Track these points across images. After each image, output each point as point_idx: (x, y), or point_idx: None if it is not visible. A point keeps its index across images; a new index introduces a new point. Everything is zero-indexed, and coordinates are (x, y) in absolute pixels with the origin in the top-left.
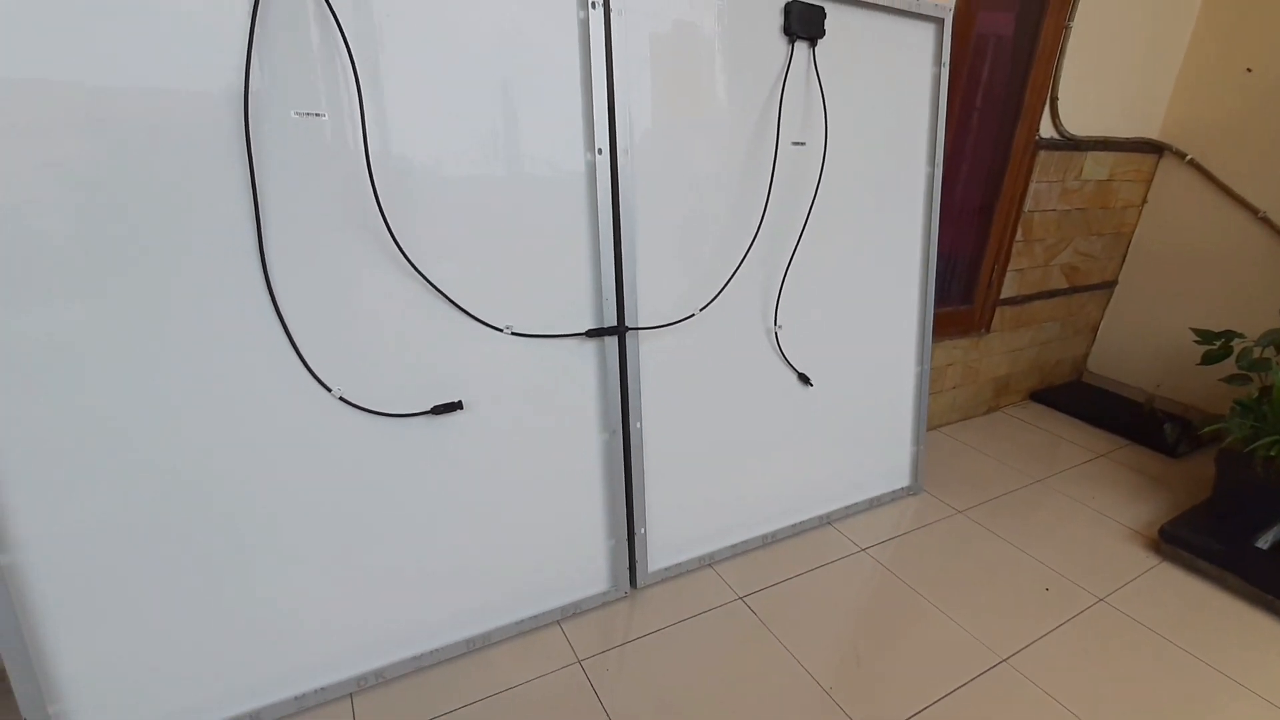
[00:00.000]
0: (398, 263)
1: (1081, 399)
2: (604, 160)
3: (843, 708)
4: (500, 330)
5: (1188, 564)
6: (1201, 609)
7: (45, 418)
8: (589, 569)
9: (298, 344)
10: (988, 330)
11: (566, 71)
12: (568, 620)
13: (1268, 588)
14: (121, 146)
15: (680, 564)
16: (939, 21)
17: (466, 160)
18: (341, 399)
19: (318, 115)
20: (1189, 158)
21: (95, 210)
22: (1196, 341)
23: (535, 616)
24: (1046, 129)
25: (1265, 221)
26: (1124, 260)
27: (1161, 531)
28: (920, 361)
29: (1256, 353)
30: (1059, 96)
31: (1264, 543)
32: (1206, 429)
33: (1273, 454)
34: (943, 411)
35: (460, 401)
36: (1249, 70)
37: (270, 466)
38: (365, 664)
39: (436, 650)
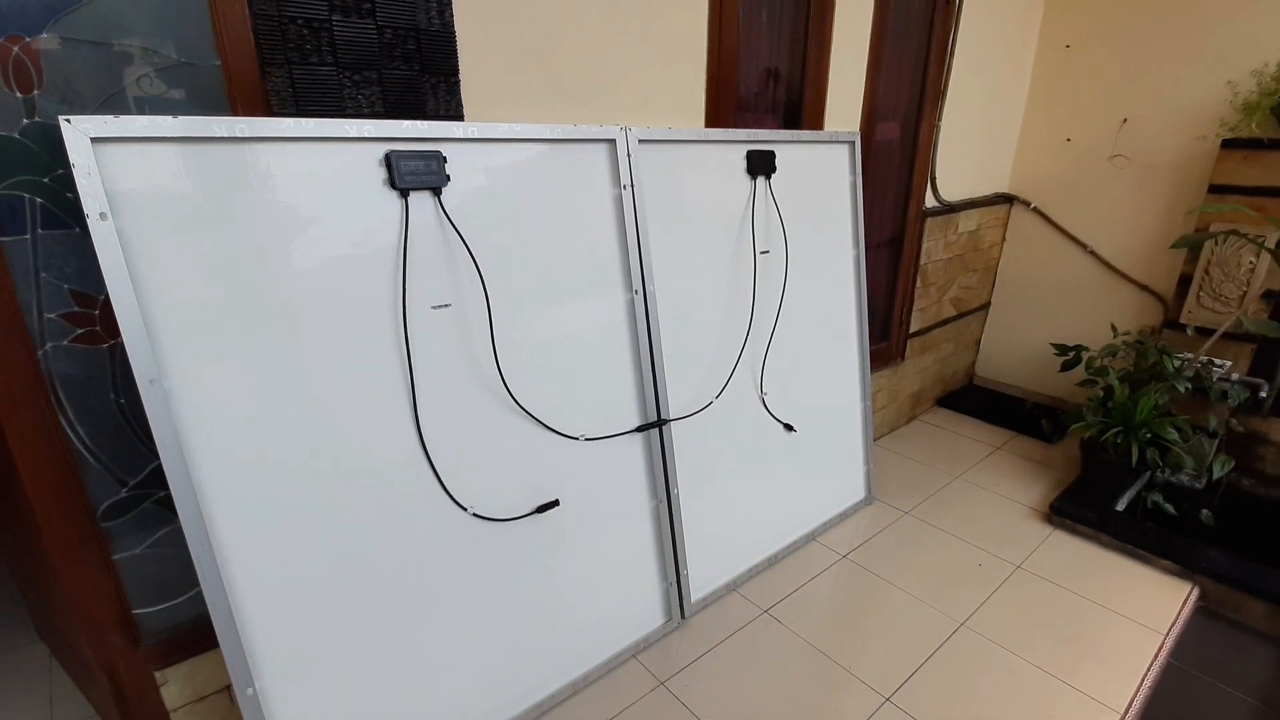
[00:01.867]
0: (506, 402)
1: (975, 400)
2: (638, 297)
3: (860, 679)
4: (576, 439)
5: (1071, 529)
6: (1086, 562)
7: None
8: (649, 610)
9: (440, 475)
10: (903, 359)
11: (608, 236)
12: (641, 653)
13: (1127, 540)
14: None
15: (713, 592)
16: (851, 143)
17: (549, 320)
18: (475, 515)
19: (447, 306)
20: (1032, 205)
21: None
22: (1055, 354)
23: (616, 654)
24: (930, 201)
25: (1093, 255)
26: (994, 287)
27: (1051, 507)
28: (864, 398)
29: (1098, 362)
30: (936, 175)
31: (1121, 505)
32: (1073, 426)
33: (1118, 441)
34: (877, 428)
35: (557, 500)
36: (1069, 140)
37: (417, 560)
38: (498, 717)
39: (552, 695)
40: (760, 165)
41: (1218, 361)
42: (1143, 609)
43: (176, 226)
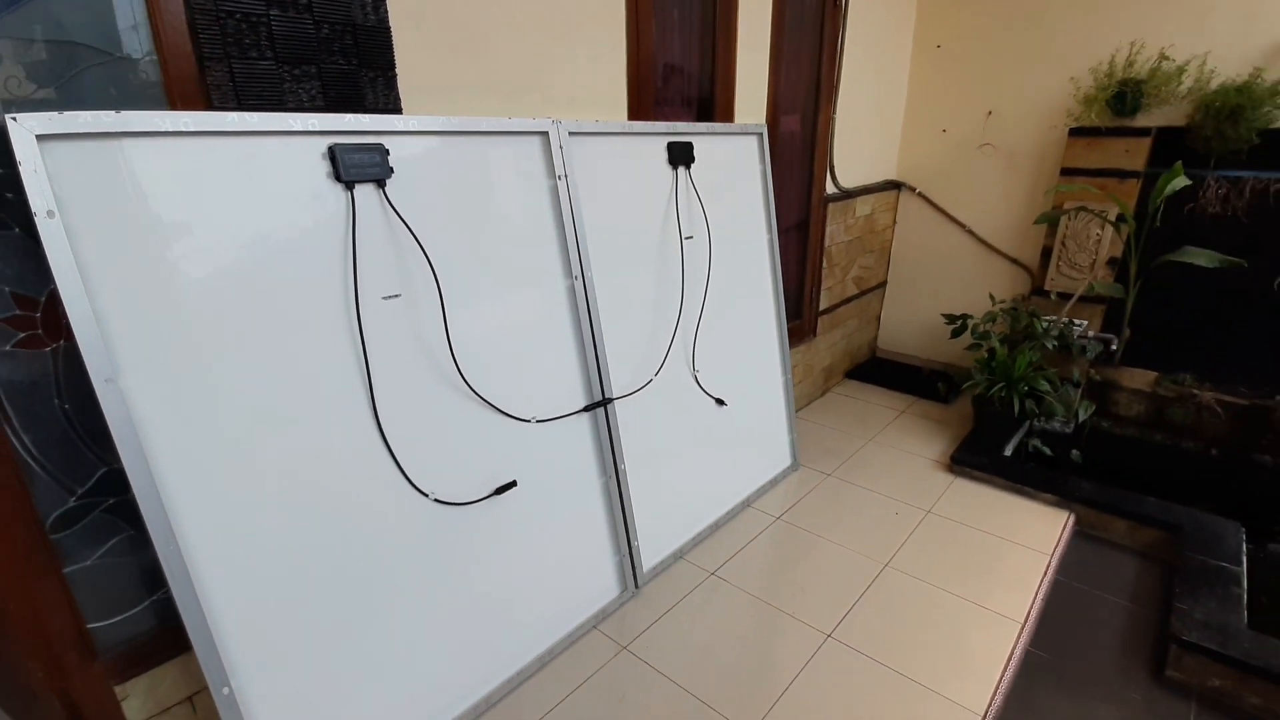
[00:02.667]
0: (459, 389)
1: (879, 371)
2: (578, 283)
3: (804, 621)
4: (528, 421)
5: (970, 475)
6: (983, 502)
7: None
8: (605, 582)
9: (400, 463)
10: (815, 335)
11: (546, 225)
12: (601, 624)
13: (1015, 480)
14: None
15: (663, 561)
16: (760, 134)
17: (495, 307)
18: (436, 500)
19: (398, 296)
20: (917, 190)
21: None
22: (945, 323)
23: (578, 626)
24: (830, 188)
25: (971, 233)
26: (889, 266)
27: (951, 458)
28: (784, 372)
29: (981, 328)
30: (834, 164)
31: (1008, 451)
32: (966, 385)
33: (1002, 395)
34: (795, 401)
35: (515, 481)
36: (944, 131)
37: (382, 547)
38: (474, 695)
39: (520, 670)
40: (680, 156)
41: (1077, 321)
42: (1032, 536)
43: (123, 223)
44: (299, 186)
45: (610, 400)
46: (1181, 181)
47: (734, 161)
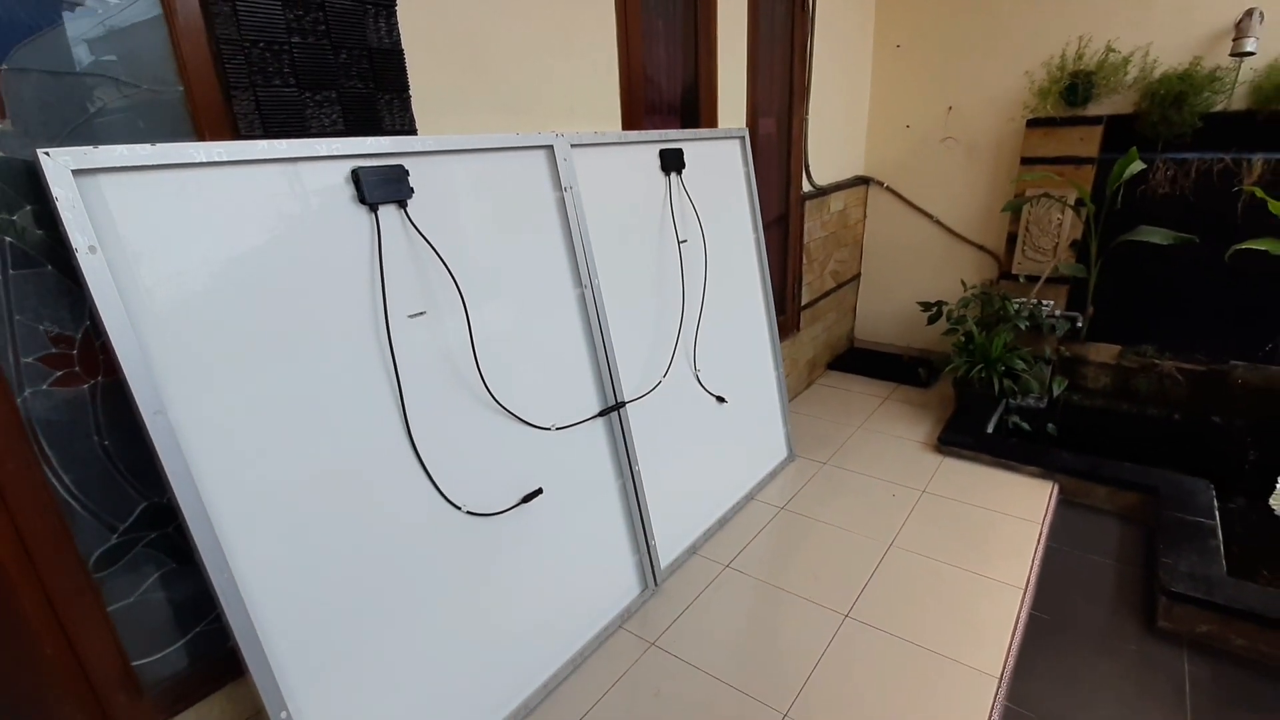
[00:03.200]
0: (484, 401)
1: (859, 361)
2: (588, 291)
3: (822, 605)
4: (548, 429)
5: (957, 454)
6: (972, 478)
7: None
8: (627, 581)
9: (434, 478)
10: (799, 329)
11: (555, 236)
12: (626, 622)
13: (999, 455)
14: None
15: (678, 558)
16: (742, 137)
17: (512, 319)
18: (469, 513)
19: (423, 314)
20: (885, 184)
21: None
22: (921, 310)
23: (605, 626)
24: (806, 186)
25: (939, 223)
26: (862, 258)
27: (938, 439)
28: (776, 366)
29: (956, 313)
30: (809, 163)
31: (990, 428)
32: (947, 368)
33: (981, 375)
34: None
35: (540, 489)
36: (908, 126)
37: (419, 562)
38: (512, 702)
39: (555, 674)
40: (672, 162)
41: (1045, 302)
42: (1022, 507)
43: (161, 254)
44: (326, 210)
45: (623, 404)
46: (1137, 165)
47: (720, 165)
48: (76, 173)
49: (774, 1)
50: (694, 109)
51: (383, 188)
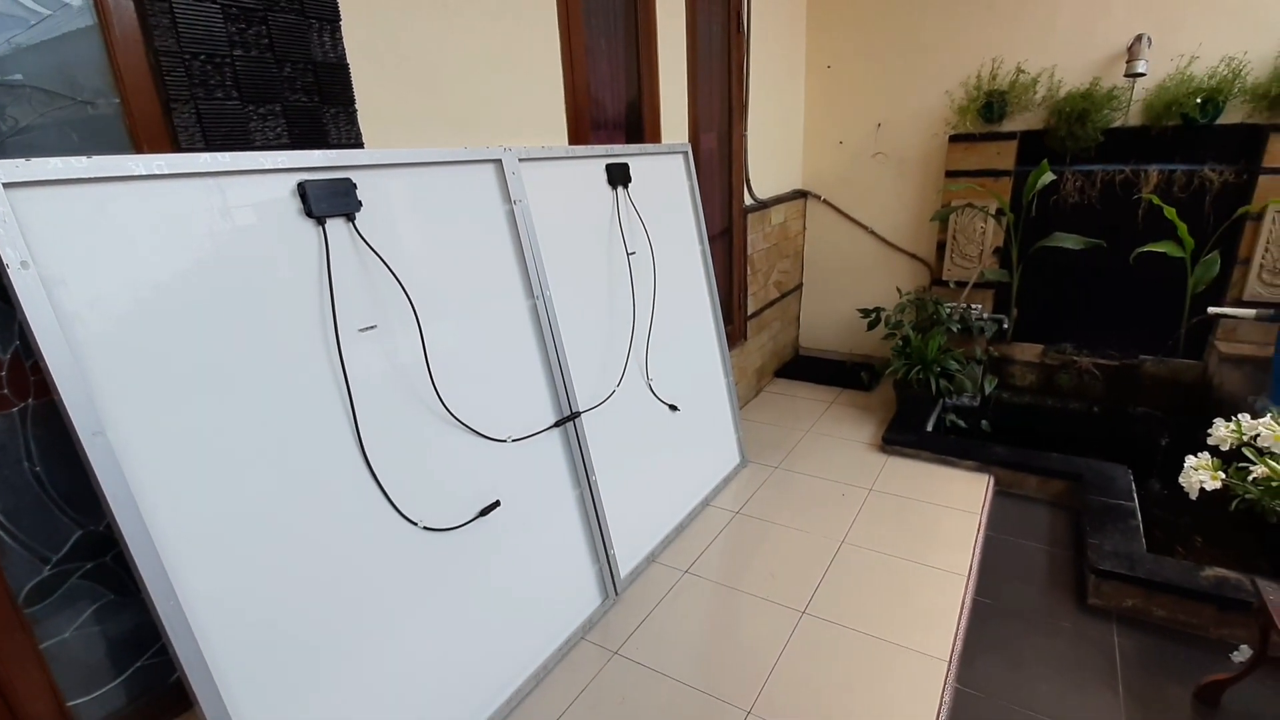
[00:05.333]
0: (439, 415)
1: (804, 368)
2: (540, 302)
3: (779, 603)
4: (504, 441)
5: (900, 453)
6: (915, 474)
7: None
8: (587, 592)
9: (389, 494)
10: (746, 339)
11: (505, 249)
12: (588, 633)
13: (939, 451)
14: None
15: (637, 566)
16: (685, 152)
17: (464, 332)
18: (425, 528)
19: (374, 327)
20: (823, 198)
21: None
22: (861, 317)
23: (568, 639)
24: (748, 199)
25: (874, 234)
26: (803, 269)
27: (883, 439)
28: (726, 374)
29: (894, 318)
30: (750, 178)
31: (929, 427)
32: (887, 371)
33: (919, 377)
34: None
35: (498, 501)
36: (841, 142)
37: (374, 580)
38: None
39: (518, 690)
40: (618, 176)
41: (974, 305)
42: (962, 500)
43: (97, 269)
44: (273, 224)
45: (579, 414)
46: (1048, 176)
47: (665, 179)
48: (8, 186)
49: (711, 22)
50: (638, 125)
51: (330, 201)
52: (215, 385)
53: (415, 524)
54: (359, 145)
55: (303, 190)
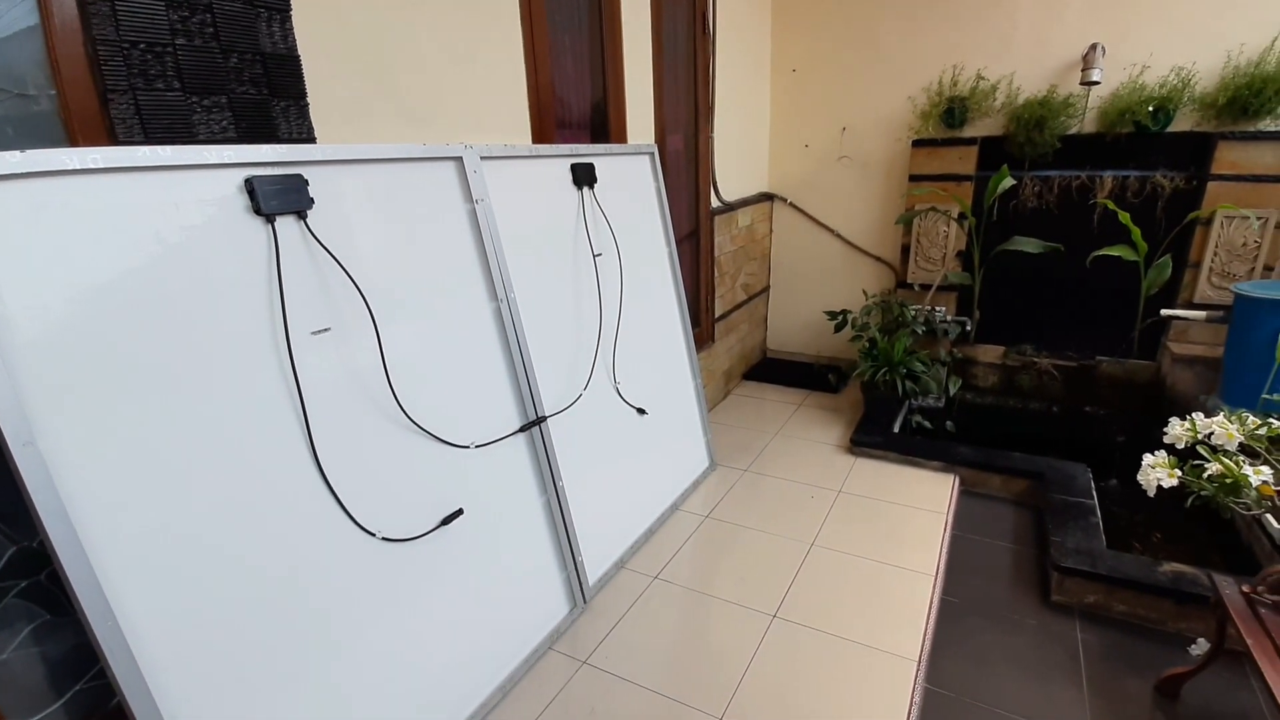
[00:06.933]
0: (398, 421)
1: (772, 370)
2: (504, 305)
3: (750, 608)
4: (467, 447)
5: (867, 454)
6: (883, 475)
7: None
8: (555, 600)
9: (344, 504)
10: (713, 341)
11: (467, 250)
12: (556, 643)
13: (906, 452)
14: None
15: (606, 573)
16: (652, 153)
17: (425, 335)
18: (384, 539)
19: (327, 330)
20: (789, 200)
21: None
22: (827, 319)
23: (534, 649)
24: (715, 201)
25: (839, 237)
26: (770, 271)
27: (851, 440)
28: (694, 377)
29: (860, 321)
30: (717, 180)
31: (896, 428)
32: (855, 373)
33: (886, 378)
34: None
35: (461, 509)
36: (806, 145)
37: (330, 594)
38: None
39: (483, 703)
40: (584, 176)
41: (938, 308)
42: (928, 500)
43: (28, 272)
44: (219, 222)
45: (544, 419)
46: (1008, 181)
47: (632, 180)
48: None
49: (676, 22)
50: (604, 125)
51: (280, 198)
52: (156, 392)
53: (373, 535)
54: (311, 140)
55: (251, 186)
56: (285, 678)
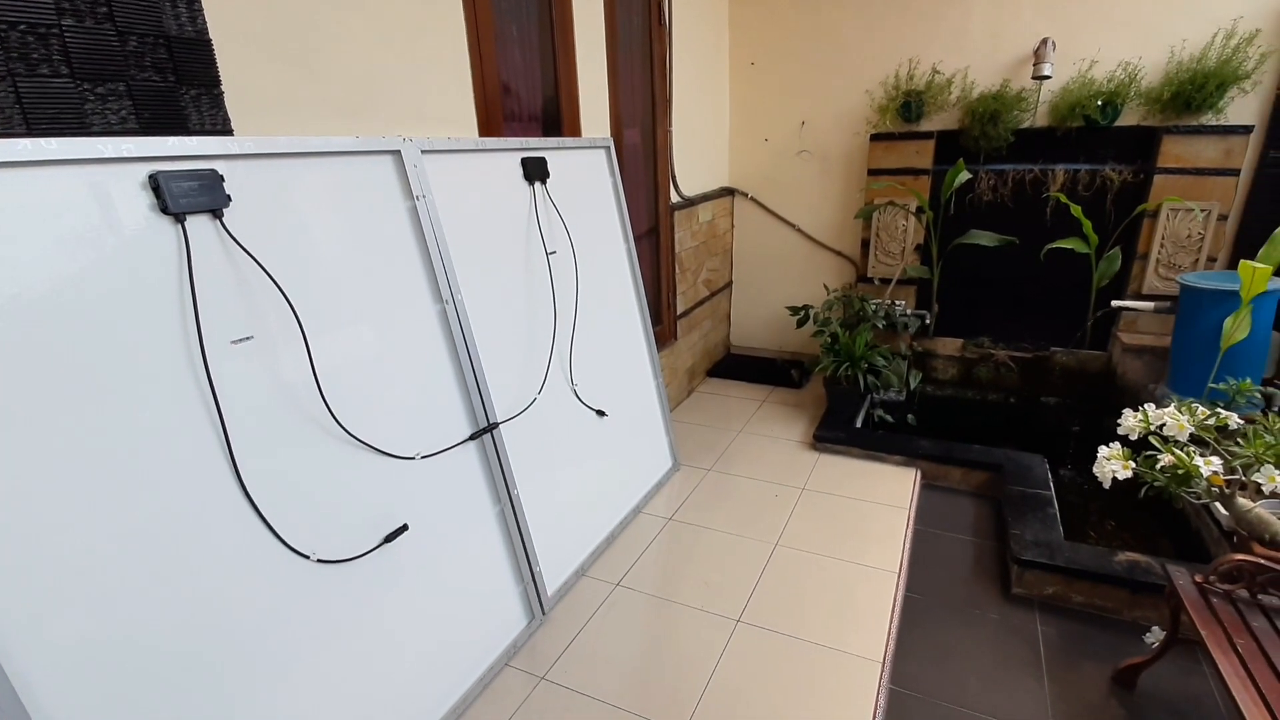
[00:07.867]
0: (333, 432)
1: (736, 366)
2: (450, 307)
3: (714, 613)
4: (412, 458)
5: (830, 450)
6: (846, 471)
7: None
8: (511, 613)
9: (273, 526)
10: (675, 338)
11: (409, 249)
12: (513, 658)
13: (868, 447)
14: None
15: (565, 582)
16: (607, 147)
17: (362, 341)
18: (319, 560)
19: (249, 339)
20: (750, 195)
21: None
22: (790, 314)
23: (489, 667)
24: (674, 197)
25: (800, 231)
26: (732, 267)
27: (814, 436)
28: (655, 376)
29: (822, 316)
30: (676, 174)
31: (858, 423)
32: (817, 369)
33: (848, 373)
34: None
35: (405, 525)
36: (766, 140)
37: (262, 624)
38: None
39: None
40: (535, 171)
41: (898, 301)
42: (891, 495)
43: None
44: (118, 223)
45: (496, 425)
46: (964, 175)
47: (587, 175)
48: None
49: (631, 13)
50: (556, 118)
51: (190, 195)
52: (46, 412)
53: (307, 557)
54: (227, 132)
55: (156, 183)
56: (219, 711)
